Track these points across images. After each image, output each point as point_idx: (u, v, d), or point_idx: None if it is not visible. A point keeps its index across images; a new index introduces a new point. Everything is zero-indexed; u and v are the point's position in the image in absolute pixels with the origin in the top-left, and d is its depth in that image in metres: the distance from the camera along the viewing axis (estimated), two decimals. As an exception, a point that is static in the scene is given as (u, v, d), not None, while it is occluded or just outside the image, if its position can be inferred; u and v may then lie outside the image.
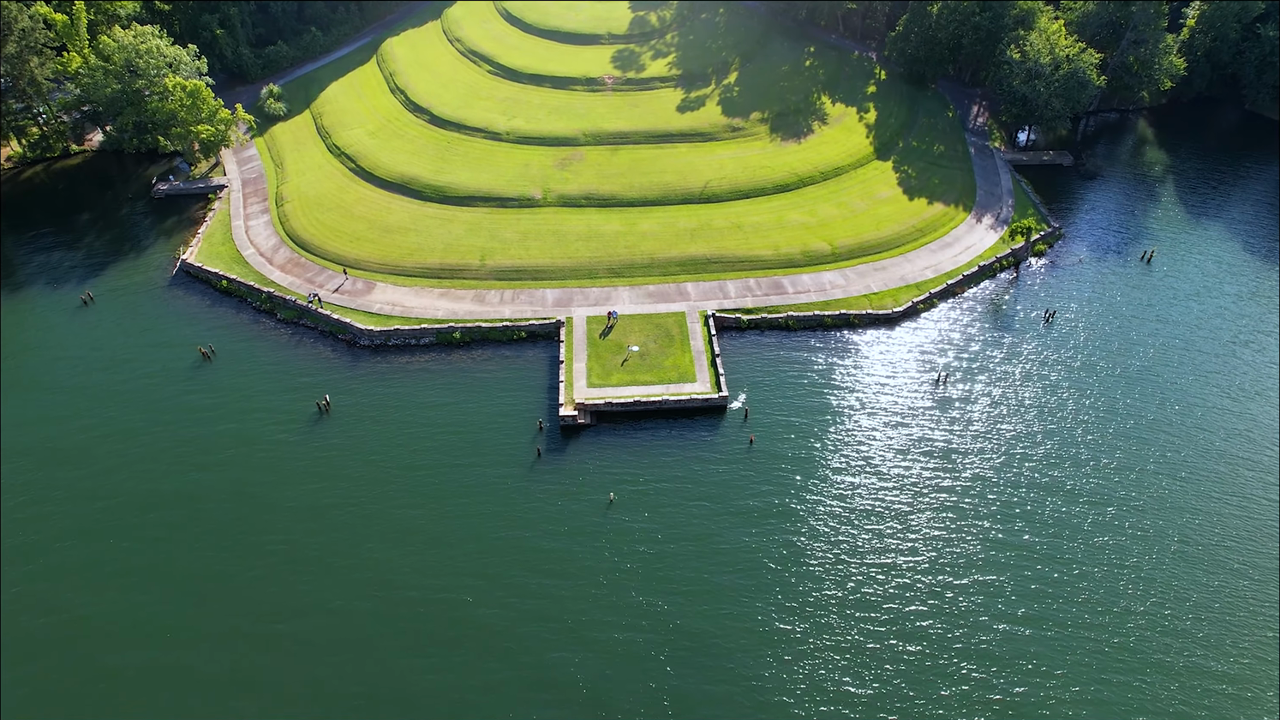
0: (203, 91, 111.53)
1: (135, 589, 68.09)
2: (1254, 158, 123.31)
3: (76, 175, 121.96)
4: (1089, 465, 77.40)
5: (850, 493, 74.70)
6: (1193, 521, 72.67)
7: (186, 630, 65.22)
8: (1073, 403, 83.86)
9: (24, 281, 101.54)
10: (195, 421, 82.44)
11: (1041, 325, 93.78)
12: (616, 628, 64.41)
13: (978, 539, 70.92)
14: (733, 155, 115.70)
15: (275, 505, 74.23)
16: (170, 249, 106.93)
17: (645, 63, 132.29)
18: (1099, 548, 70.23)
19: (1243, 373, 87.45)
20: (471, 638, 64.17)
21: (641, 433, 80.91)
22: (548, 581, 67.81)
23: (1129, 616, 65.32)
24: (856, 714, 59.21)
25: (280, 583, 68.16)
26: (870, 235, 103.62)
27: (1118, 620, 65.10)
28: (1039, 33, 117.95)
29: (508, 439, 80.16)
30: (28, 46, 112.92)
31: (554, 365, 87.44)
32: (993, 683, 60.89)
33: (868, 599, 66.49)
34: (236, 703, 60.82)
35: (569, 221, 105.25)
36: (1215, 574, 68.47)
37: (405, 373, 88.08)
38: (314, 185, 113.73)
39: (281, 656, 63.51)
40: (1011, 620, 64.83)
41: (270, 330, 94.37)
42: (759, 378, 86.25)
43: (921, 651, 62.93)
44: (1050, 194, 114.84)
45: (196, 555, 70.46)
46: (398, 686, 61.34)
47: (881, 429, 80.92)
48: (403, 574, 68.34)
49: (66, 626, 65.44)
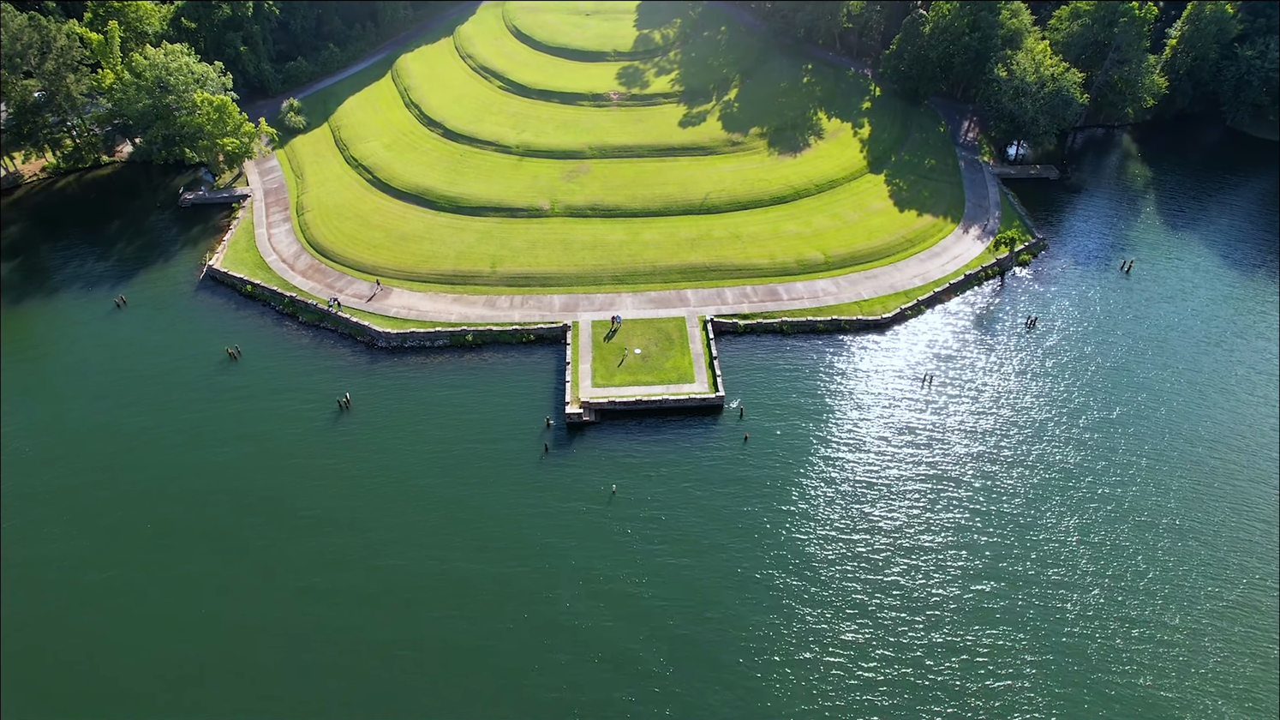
0: (229, 106, 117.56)
1: (184, 553, 73.74)
2: (1233, 172, 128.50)
3: (107, 185, 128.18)
4: (1060, 452, 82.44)
5: (837, 481, 79.64)
6: (1149, 494, 78.42)
7: (240, 583, 71.69)
8: (1049, 399, 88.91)
9: (61, 285, 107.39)
10: (224, 416, 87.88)
11: (1023, 331, 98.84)
12: (618, 592, 69.54)
13: (955, 514, 75.85)
14: (732, 168, 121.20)
15: (299, 495, 79.54)
16: (197, 255, 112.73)
17: (649, 79, 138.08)
18: (1067, 527, 75.06)
19: (1210, 369, 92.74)
20: (482, 599, 70.23)
21: (643, 430, 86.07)
22: (553, 555, 73.16)
23: (1085, 575, 70.79)
24: (842, 654, 64.09)
25: (306, 551, 73.62)
26: (862, 245, 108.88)
27: (1071, 577, 70.99)
28: (1025, 52, 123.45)
29: (517, 435, 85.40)
30: (65, 64, 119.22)
31: (560, 366, 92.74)
32: (964, 633, 65.79)
33: (848, 568, 71.42)
34: (281, 643, 66.57)
35: (575, 231, 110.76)
36: (1162, 535, 73.65)
37: (420, 373, 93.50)
38: (333, 195, 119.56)
39: (315, 604, 70.16)
40: (986, 578, 69.70)
41: (293, 332, 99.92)
42: (754, 379, 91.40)
43: (896, 602, 67.84)
44: (1036, 206, 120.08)
45: (230, 527, 76.34)
46: (416, 634, 66.62)
47: (869, 426, 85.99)
48: (417, 557, 73.48)
49: (130, 590, 70.81)
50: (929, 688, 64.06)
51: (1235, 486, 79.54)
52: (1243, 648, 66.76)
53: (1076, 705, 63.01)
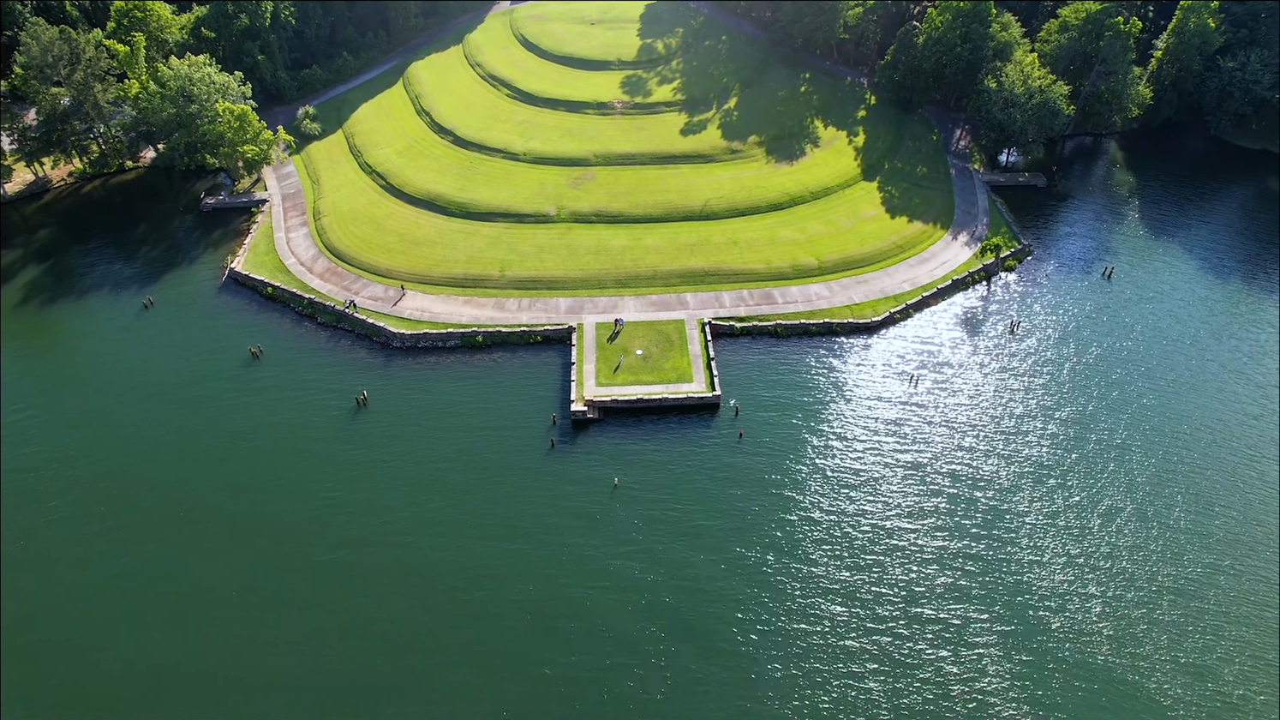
0: (249, 115, 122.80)
1: (214, 534, 79.14)
2: (1215, 180, 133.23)
3: (131, 189, 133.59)
4: (1035, 446, 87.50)
5: (826, 473, 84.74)
6: (1115, 484, 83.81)
7: (266, 560, 77.30)
8: (1026, 398, 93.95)
9: (91, 286, 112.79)
10: (250, 411, 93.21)
11: (1006, 334, 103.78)
12: (619, 571, 74.89)
13: (935, 501, 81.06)
14: (731, 176, 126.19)
15: (321, 480, 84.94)
16: (219, 258, 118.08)
17: (652, 88, 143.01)
18: (1037, 513, 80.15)
19: (1182, 367, 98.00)
20: (491, 575, 75.97)
21: (643, 427, 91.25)
22: (558, 539, 78.58)
23: (1052, 556, 75.73)
24: (826, 628, 69.27)
25: (328, 531, 79.04)
26: (854, 251, 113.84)
27: (1040, 558, 75.81)
28: (1015, 65, 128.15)
29: (525, 430, 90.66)
30: (93, 74, 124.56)
31: (566, 366, 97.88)
32: (940, 608, 70.96)
33: (836, 546, 76.62)
34: (303, 611, 72.26)
35: (580, 236, 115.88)
36: (1127, 521, 78.54)
37: (433, 371, 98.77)
38: (348, 201, 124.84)
39: (335, 578, 76.00)
40: (961, 559, 74.80)
41: (311, 333, 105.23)
42: (749, 379, 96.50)
43: (878, 582, 72.99)
44: (1023, 213, 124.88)
45: (257, 511, 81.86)
46: (429, 605, 72.07)
47: (857, 422, 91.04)
48: (431, 539, 78.80)
49: (166, 566, 76.32)
50: (906, 656, 69.41)
51: (1196, 478, 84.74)
52: (1195, 623, 72.21)
53: (1039, 670, 68.67)
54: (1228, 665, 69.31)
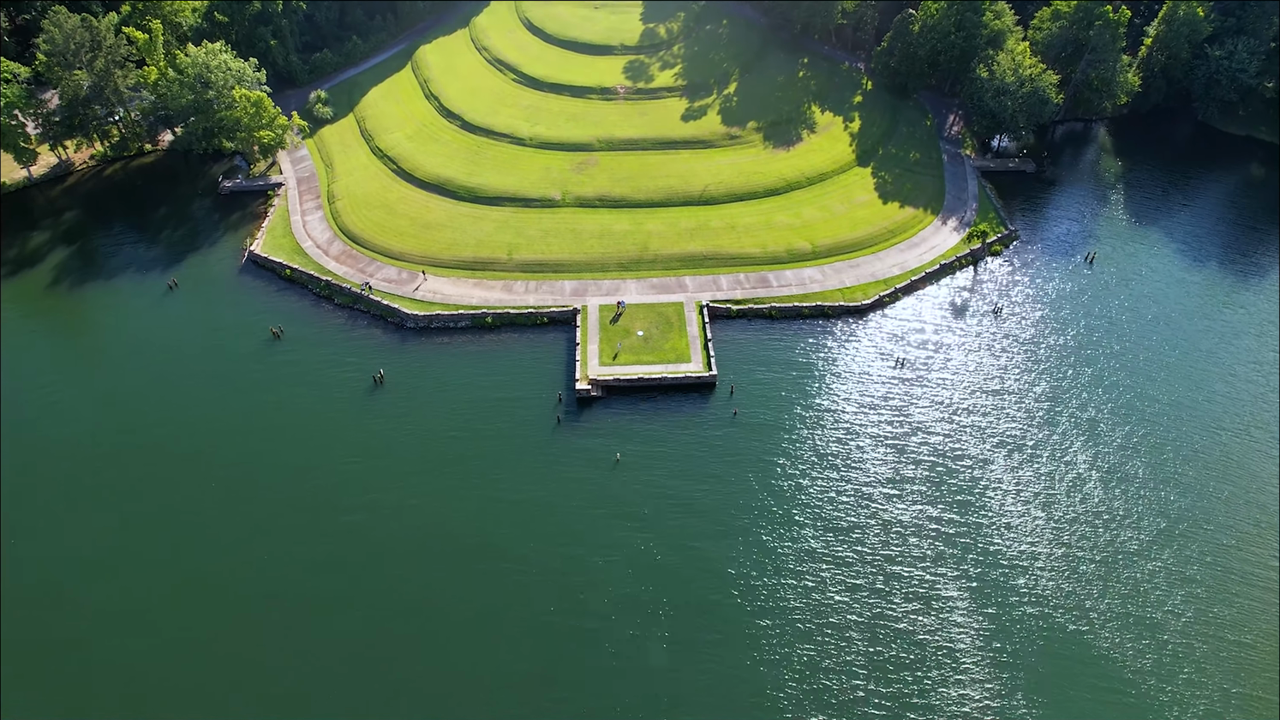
0: (264, 101, 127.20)
1: (241, 502, 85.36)
2: (1201, 166, 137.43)
3: (151, 172, 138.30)
4: (1012, 422, 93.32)
5: (816, 447, 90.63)
6: (1084, 456, 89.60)
7: (290, 525, 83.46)
8: (1006, 378, 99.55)
9: (118, 269, 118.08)
10: (273, 388, 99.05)
11: (990, 317, 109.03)
12: (622, 541, 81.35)
13: (917, 470, 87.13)
14: (730, 161, 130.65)
15: (342, 450, 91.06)
16: (238, 240, 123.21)
17: (654, 73, 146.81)
18: (1009, 482, 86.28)
19: (1155, 347, 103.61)
20: (501, 539, 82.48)
21: (644, 404, 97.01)
22: (564, 509, 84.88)
23: (1021, 521, 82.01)
24: (812, 586, 75.68)
25: (348, 500, 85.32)
26: (847, 236, 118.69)
27: (1009, 521, 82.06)
28: (1007, 53, 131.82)
29: (532, 408, 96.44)
30: (113, 60, 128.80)
31: (571, 346, 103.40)
32: (916, 567, 77.32)
33: (822, 513, 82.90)
34: (322, 571, 78.53)
35: (584, 221, 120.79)
36: (1094, 488, 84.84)
37: (446, 351, 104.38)
38: (361, 185, 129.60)
39: (354, 541, 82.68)
40: (938, 524, 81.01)
41: (329, 313, 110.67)
42: (744, 359, 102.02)
43: (861, 545, 79.27)
44: (1012, 198, 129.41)
45: (281, 481, 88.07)
46: (444, 565, 78.56)
47: (846, 401, 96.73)
48: (444, 507, 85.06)
49: (196, 528, 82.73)
50: (885, 609, 76.05)
51: (1159, 451, 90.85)
52: (1149, 582, 78.96)
53: (999, 623, 75.56)
54: (1174, 619, 75.89)
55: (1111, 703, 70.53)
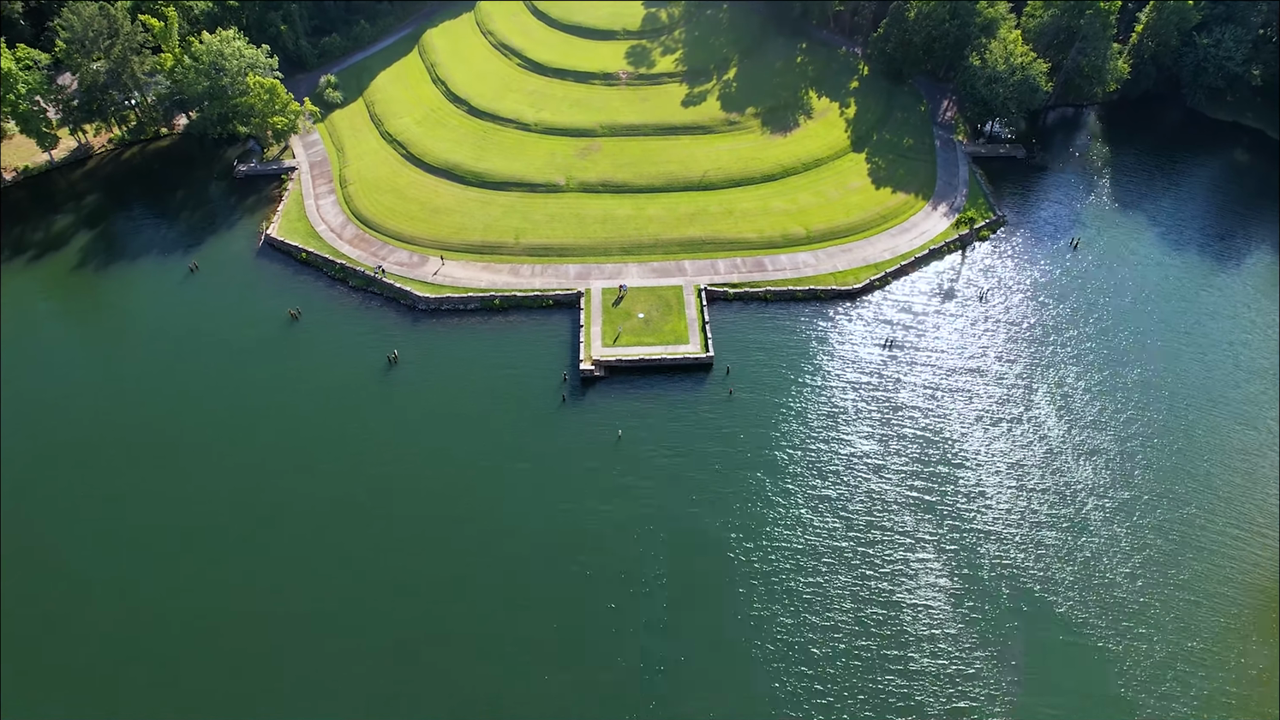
0: (278, 88, 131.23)
1: (262, 475, 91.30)
2: (1187, 151, 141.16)
3: (168, 156, 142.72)
4: (992, 399, 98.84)
5: (808, 424, 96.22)
6: (1057, 427, 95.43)
7: (309, 496, 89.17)
8: (988, 359, 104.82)
9: (140, 251, 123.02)
10: (293, 369, 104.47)
11: (975, 300, 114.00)
12: (625, 513, 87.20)
13: (901, 445, 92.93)
14: (729, 147, 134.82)
15: (359, 427, 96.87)
16: (254, 223, 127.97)
17: (655, 59, 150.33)
18: (986, 450, 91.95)
19: (1130, 329, 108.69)
20: (512, 503, 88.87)
21: (645, 384, 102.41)
22: (569, 479, 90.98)
23: (994, 485, 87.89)
24: (799, 544, 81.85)
25: (366, 472, 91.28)
26: (840, 221, 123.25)
27: (982, 482, 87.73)
28: (999, 42, 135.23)
29: (538, 387, 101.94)
30: (129, 47, 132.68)
31: (575, 328, 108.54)
32: (897, 520, 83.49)
33: (810, 484, 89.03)
34: (342, 532, 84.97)
35: (588, 206, 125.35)
36: (1066, 459, 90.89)
37: (456, 332, 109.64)
38: (372, 169, 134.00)
39: (372, 506, 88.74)
40: (919, 481, 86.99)
41: (344, 296, 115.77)
42: (740, 342, 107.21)
43: (846, 506, 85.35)
44: (1002, 183, 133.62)
45: (300, 456, 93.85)
46: (458, 528, 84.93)
47: (836, 381, 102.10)
48: (455, 478, 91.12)
49: (222, 500, 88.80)
50: (867, 571, 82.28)
51: (1128, 425, 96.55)
52: (1110, 547, 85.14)
53: (973, 571, 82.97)
54: (1130, 582, 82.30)
55: (1070, 655, 76.96)
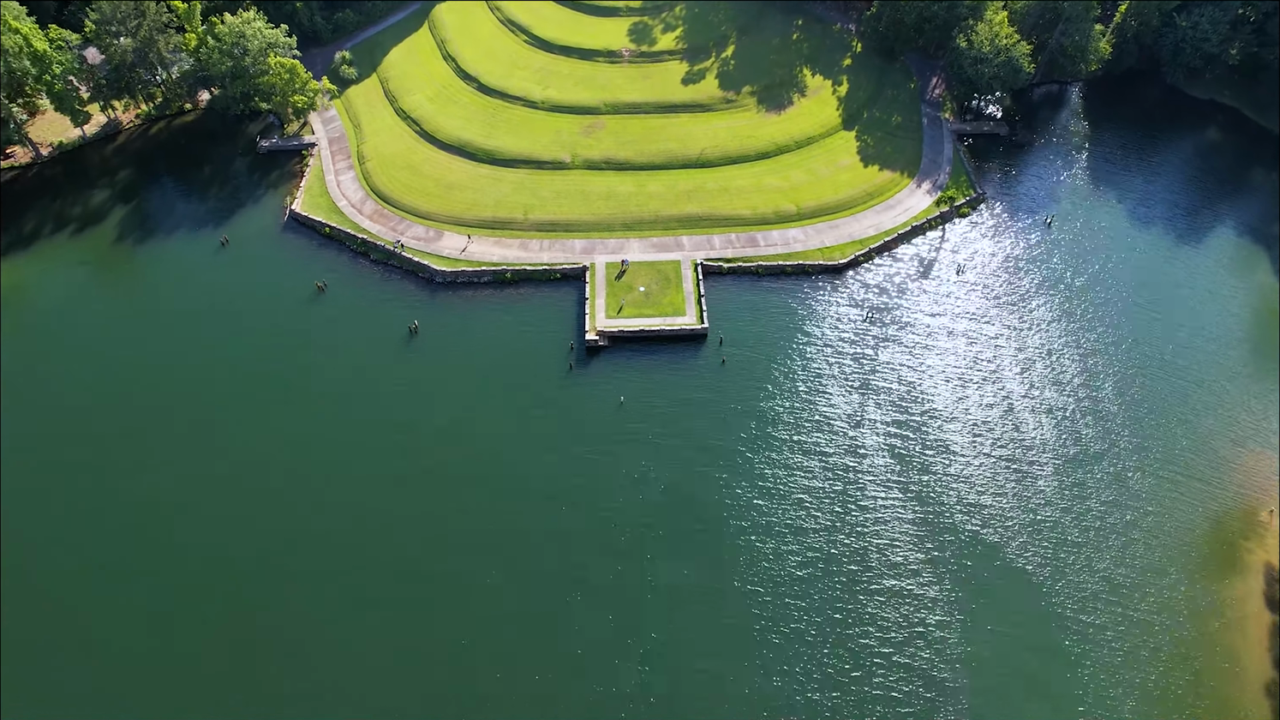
0: (298, 68, 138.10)
1: (294, 432, 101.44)
2: (1163, 128, 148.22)
3: (193, 131, 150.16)
4: (963, 363, 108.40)
5: (794, 386, 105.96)
6: (1016, 386, 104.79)
7: (338, 448, 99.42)
8: (962, 328, 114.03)
9: (174, 226, 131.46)
10: (322, 338, 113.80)
11: (953, 275, 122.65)
12: (624, 462, 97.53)
13: (877, 400, 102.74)
14: (725, 125, 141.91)
15: (384, 390, 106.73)
16: (279, 198, 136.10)
17: (656, 36, 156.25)
18: (954, 408, 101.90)
19: (1091, 301, 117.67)
20: (523, 453, 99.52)
21: (645, 353, 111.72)
22: (576, 436, 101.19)
23: (957, 441, 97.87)
24: (781, 489, 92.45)
25: (392, 431, 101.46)
26: (829, 198, 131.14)
27: (949, 437, 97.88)
28: (986, 24, 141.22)
29: (547, 355, 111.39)
30: (155, 28, 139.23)
31: (581, 300, 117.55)
32: (871, 464, 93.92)
33: (794, 440, 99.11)
34: (369, 477, 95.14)
35: (592, 183, 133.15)
36: (1021, 417, 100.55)
37: (471, 304, 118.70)
38: (388, 145, 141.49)
39: (397, 464, 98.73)
40: (892, 429, 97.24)
41: (365, 269, 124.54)
42: (733, 313, 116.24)
43: (826, 453, 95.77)
44: (985, 160, 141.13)
45: (330, 416, 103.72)
46: (478, 473, 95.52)
47: (820, 350, 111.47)
48: (472, 436, 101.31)
49: (260, 444, 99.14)
50: (842, 514, 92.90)
51: (1084, 389, 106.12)
52: (1057, 496, 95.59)
53: (936, 509, 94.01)
54: (1076, 526, 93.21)
55: (1015, 582, 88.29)
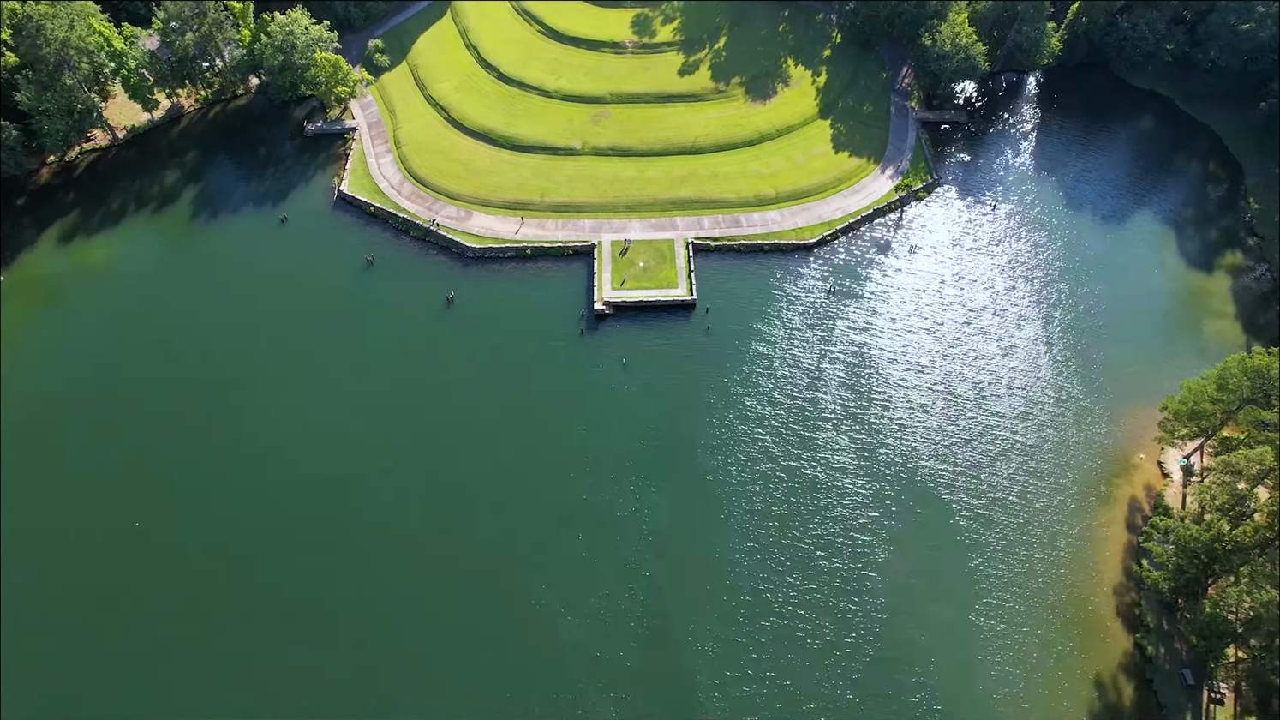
0: (341, 63, 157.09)
1: (346, 388, 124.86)
2: (1106, 116, 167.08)
3: (246, 115, 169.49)
4: (916, 333, 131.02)
5: (771, 348, 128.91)
6: (954, 349, 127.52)
7: (385, 400, 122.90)
8: (914, 299, 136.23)
9: (237, 204, 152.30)
10: (372, 307, 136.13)
11: (907, 252, 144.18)
12: (632, 429, 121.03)
13: (838, 357, 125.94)
14: (717, 115, 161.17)
15: (424, 351, 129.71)
16: (327, 179, 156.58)
17: (656, 28, 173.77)
18: (901, 375, 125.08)
19: (1025, 274, 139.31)
20: (540, 408, 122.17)
21: (643, 320, 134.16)
22: (585, 391, 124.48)
23: (898, 394, 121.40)
24: (753, 437, 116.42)
25: (431, 387, 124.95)
26: (804, 183, 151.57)
27: (888, 398, 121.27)
28: (949, 24, 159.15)
29: (561, 321, 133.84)
30: (214, 24, 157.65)
31: (590, 274, 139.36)
32: (833, 413, 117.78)
33: (765, 392, 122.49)
34: (409, 428, 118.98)
35: (600, 168, 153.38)
36: (954, 384, 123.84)
37: (497, 277, 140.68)
38: (420, 131, 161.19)
39: (427, 411, 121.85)
40: (849, 384, 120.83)
41: (406, 245, 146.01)
42: (718, 286, 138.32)
43: (799, 406, 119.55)
44: (944, 148, 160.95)
45: (379, 374, 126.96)
46: (500, 425, 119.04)
47: (792, 318, 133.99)
48: (498, 388, 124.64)
49: (306, 403, 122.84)
50: (803, 455, 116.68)
51: (1010, 348, 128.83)
52: (980, 436, 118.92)
53: (876, 462, 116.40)
54: (1001, 461, 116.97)
55: (943, 516, 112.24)
